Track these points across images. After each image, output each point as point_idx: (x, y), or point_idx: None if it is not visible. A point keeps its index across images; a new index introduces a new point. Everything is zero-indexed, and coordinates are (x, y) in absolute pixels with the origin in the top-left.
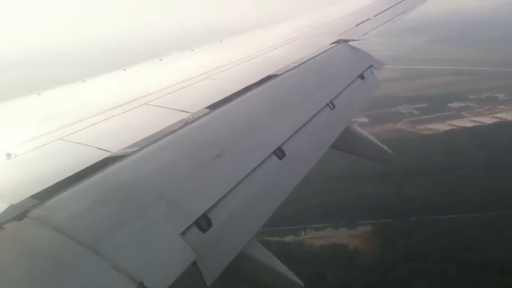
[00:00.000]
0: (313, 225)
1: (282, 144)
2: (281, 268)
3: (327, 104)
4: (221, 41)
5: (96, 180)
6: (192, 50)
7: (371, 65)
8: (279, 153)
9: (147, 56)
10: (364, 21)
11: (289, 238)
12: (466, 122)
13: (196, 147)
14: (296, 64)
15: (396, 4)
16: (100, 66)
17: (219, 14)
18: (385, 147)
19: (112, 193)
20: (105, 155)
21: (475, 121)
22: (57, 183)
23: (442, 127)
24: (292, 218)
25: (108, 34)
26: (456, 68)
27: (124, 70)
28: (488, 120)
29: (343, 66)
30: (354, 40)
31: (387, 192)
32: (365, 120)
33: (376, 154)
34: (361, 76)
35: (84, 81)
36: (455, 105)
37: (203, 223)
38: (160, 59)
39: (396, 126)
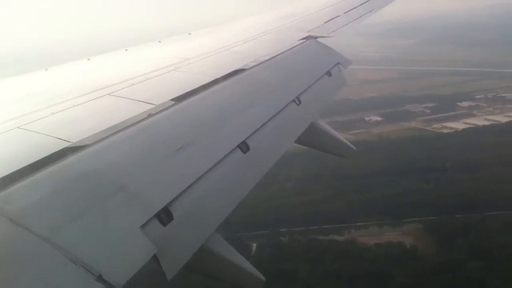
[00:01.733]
0: (355, 224)
1: (246, 138)
2: (243, 262)
3: (294, 100)
4: (189, 33)
5: (54, 170)
6: (159, 42)
7: (338, 63)
8: (244, 147)
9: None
10: (334, 18)
11: (340, 237)
12: (480, 121)
13: (159, 139)
14: (264, 59)
15: (366, 1)
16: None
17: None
18: (349, 144)
19: (71, 184)
20: (65, 145)
21: (489, 120)
22: (13, 172)
23: (459, 125)
24: (329, 216)
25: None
26: (453, 69)
27: (88, 59)
28: (501, 118)
29: (311, 62)
30: (323, 36)
31: (427, 190)
32: (378, 118)
33: (340, 150)
34: (328, 73)
35: (46, 70)
36: (464, 104)
37: (164, 216)
38: (126, 50)
39: (411, 124)
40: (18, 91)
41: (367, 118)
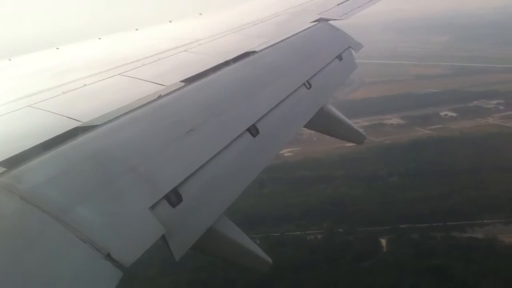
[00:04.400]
0: (477, 221)
1: (256, 122)
2: (250, 245)
3: (304, 84)
4: (200, 14)
5: (65, 149)
6: (170, 22)
7: (349, 46)
8: (253, 130)
9: None
10: (346, 1)
11: (479, 235)
12: None
13: (169, 121)
14: (275, 41)
15: None
16: None
17: None
18: (359, 129)
19: (81, 163)
20: (75, 124)
21: None
22: (25, 151)
23: None
24: (451, 212)
25: None
26: (503, 66)
27: (99, 39)
28: None
29: (322, 45)
30: (335, 19)
31: None
32: (453, 114)
33: (350, 136)
34: (339, 57)
35: (57, 48)
36: None
37: (173, 197)
38: (136, 29)
39: (489, 121)
40: (29, 70)
41: (442, 114)
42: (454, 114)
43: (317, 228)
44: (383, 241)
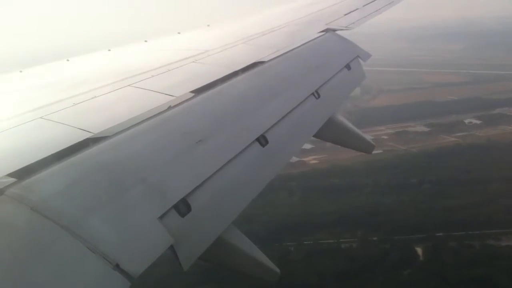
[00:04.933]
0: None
1: (265, 132)
2: (259, 255)
3: (313, 93)
4: (208, 25)
5: (76, 160)
6: (179, 33)
7: (357, 56)
8: (262, 140)
9: None
10: (353, 11)
11: None
12: None
13: (179, 132)
14: (283, 52)
15: None
16: None
17: None
18: (368, 139)
19: (92, 174)
20: (86, 135)
21: None
22: (36, 162)
23: None
24: (488, 221)
25: None
26: None
27: (109, 50)
28: None
29: (330, 55)
30: (342, 29)
31: None
32: (477, 121)
33: (359, 145)
34: (348, 67)
35: (67, 60)
36: None
37: (182, 207)
38: (146, 41)
39: None
40: (40, 81)
41: (466, 121)
42: (478, 122)
43: (350, 236)
44: (419, 250)
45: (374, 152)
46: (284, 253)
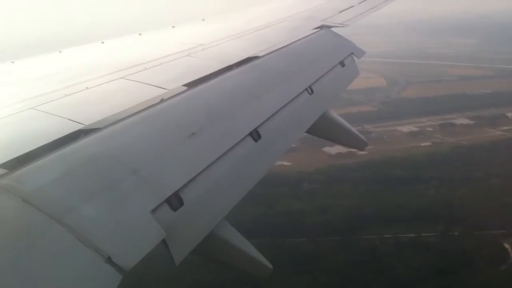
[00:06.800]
0: None
1: (258, 127)
2: (251, 250)
3: (306, 89)
4: (203, 19)
5: (67, 152)
6: (173, 27)
7: (352, 53)
8: (255, 135)
9: None
10: (348, 8)
11: None
12: None
13: (171, 125)
14: (277, 47)
15: None
16: None
17: None
18: (361, 136)
19: (83, 166)
20: (78, 127)
21: None
22: (27, 153)
23: None
24: None
25: None
26: None
27: (102, 43)
28: None
29: (324, 52)
30: (337, 26)
31: None
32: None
33: (352, 142)
34: (342, 63)
35: (60, 52)
36: None
37: (175, 201)
38: (140, 34)
39: None
40: (32, 72)
41: (509, 115)
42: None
43: (430, 231)
44: (507, 246)
45: (424, 143)
46: (371, 247)
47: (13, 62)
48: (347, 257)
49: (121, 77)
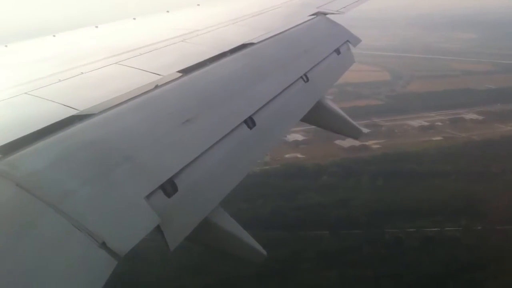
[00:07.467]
0: None
1: (253, 114)
2: (246, 236)
3: (301, 77)
4: (198, 4)
5: (61, 137)
6: (168, 12)
7: (347, 40)
8: (250, 122)
9: None
10: None
11: None
12: None
13: (166, 111)
14: (272, 34)
15: None
16: None
17: None
18: (357, 125)
19: (77, 152)
20: (72, 112)
21: None
22: (21, 138)
23: None
24: None
25: None
26: None
27: (96, 27)
28: None
29: (320, 39)
30: (333, 13)
31: None
32: None
33: (347, 130)
34: (337, 51)
35: (54, 36)
36: None
37: (169, 187)
38: (134, 19)
39: None
40: (26, 57)
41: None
42: None
43: (453, 225)
44: None
45: (435, 138)
46: (397, 240)
47: (6, 46)
48: (373, 251)
49: (116, 62)
